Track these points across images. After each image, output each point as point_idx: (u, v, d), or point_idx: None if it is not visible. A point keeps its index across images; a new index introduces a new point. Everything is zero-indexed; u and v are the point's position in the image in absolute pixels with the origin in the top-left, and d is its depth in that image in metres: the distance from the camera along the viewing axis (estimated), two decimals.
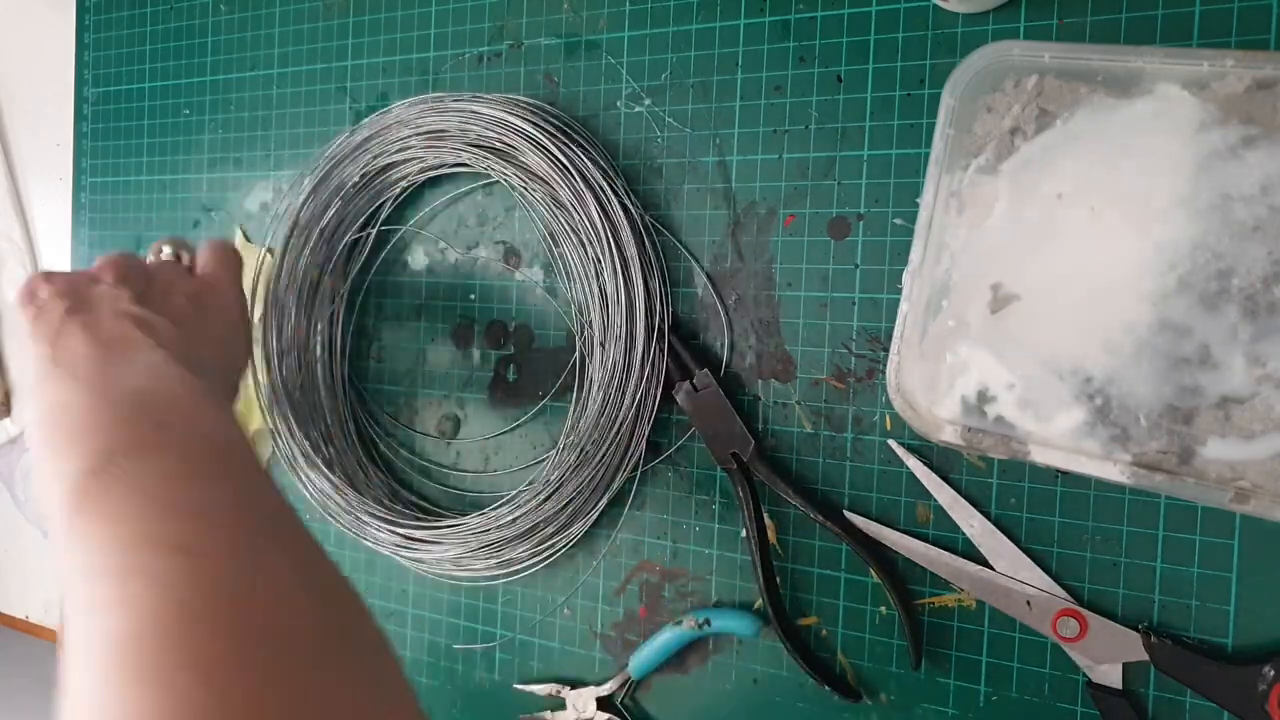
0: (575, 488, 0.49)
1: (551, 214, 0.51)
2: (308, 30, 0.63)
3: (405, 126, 0.54)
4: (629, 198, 0.50)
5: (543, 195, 0.51)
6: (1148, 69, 0.36)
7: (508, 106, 0.52)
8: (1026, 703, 0.43)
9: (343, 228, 0.58)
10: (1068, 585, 0.42)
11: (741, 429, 0.48)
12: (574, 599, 0.54)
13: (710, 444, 0.49)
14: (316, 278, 0.59)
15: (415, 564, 0.55)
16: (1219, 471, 0.34)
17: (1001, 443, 0.38)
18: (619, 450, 0.49)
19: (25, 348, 0.41)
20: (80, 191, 0.75)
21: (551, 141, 0.50)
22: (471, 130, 0.52)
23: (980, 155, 0.39)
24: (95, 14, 0.73)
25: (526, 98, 0.54)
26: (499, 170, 0.52)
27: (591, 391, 0.50)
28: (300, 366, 0.59)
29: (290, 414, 0.58)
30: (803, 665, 0.46)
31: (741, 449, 0.48)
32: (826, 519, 0.46)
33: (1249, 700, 0.38)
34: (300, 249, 0.58)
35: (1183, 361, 0.35)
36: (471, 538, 0.52)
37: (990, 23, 0.43)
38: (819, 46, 0.47)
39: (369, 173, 0.56)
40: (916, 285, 0.40)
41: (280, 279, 0.58)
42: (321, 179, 0.57)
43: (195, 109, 0.68)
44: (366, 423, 0.60)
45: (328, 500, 0.57)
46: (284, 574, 0.29)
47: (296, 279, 0.58)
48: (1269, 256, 0.34)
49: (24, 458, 0.76)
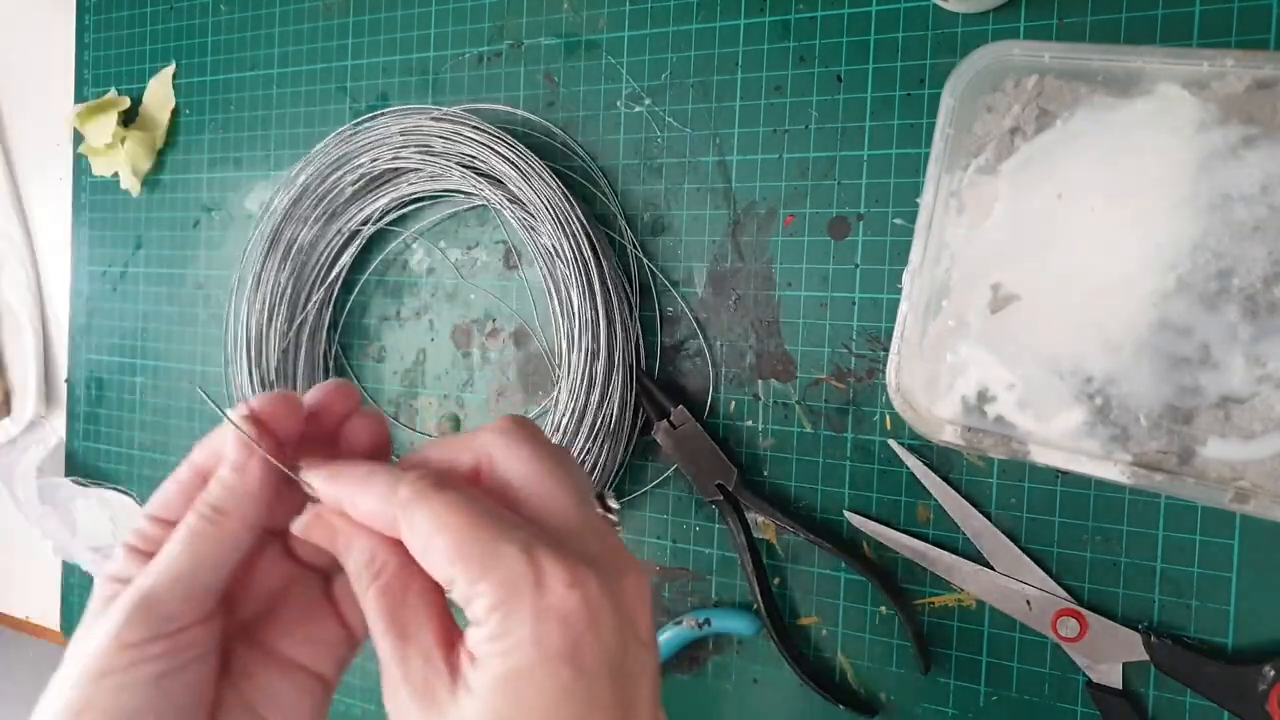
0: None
1: (541, 262, 0.52)
2: (308, 30, 0.63)
3: (391, 141, 0.54)
4: (626, 235, 0.50)
5: (524, 222, 0.52)
6: (1148, 69, 0.36)
7: (496, 141, 0.52)
8: (1026, 703, 0.43)
9: (329, 241, 0.59)
10: (1068, 585, 0.42)
11: (723, 459, 0.48)
12: None
13: (695, 478, 0.49)
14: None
15: None
16: (1219, 471, 0.34)
17: (1001, 443, 0.38)
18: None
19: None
20: (80, 191, 0.75)
21: (536, 179, 0.50)
22: (462, 153, 0.52)
23: (980, 155, 0.39)
24: (95, 14, 0.73)
25: (523, 111, 0.54)
26: (488, 195, 0.53)
27: (563, 440, 0.50)
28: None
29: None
30: (813, 686, 0.46)
31: (725, 479, 0.48)
32: (821, 537, 0.46)
33: (1249, 700, 0.38)
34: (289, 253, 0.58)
35: (1183, 361, 0.35)
36: None
37: (990, 23, 0.43)
38: (819, 46, 0.47)
39: (364, 175, 0.56)
40: (916, 285, 0.39)
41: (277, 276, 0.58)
42: (309, 185, 0.57)
43: (195, 109, 0.68)
44: None
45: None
46: None
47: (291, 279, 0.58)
48: (1269, 256, 0.34)
49: (24, 457, 0.76)
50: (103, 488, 0.73)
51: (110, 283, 0.73)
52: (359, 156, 0.55)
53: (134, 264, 0.71)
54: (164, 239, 0.70)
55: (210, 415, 0.66)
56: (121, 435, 0.72)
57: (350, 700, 0.61)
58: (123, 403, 0.72)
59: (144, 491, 0.71)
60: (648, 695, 0.25)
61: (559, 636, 0.23)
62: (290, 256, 0.58)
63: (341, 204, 0.57)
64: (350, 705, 0.61)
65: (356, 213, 0.57)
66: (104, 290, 0.73)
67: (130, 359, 0.72)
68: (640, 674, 0.25)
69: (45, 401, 0.77)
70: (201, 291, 0.68)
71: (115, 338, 0.73)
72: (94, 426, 0.74)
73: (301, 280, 0.59)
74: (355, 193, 0.57)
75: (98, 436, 0.74)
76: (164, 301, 0.70)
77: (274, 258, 0.58)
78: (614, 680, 0.24)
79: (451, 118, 0.53)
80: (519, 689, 0.23)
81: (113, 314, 0.73)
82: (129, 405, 0.72)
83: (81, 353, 0.75)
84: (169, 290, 0.70)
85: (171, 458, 0.69)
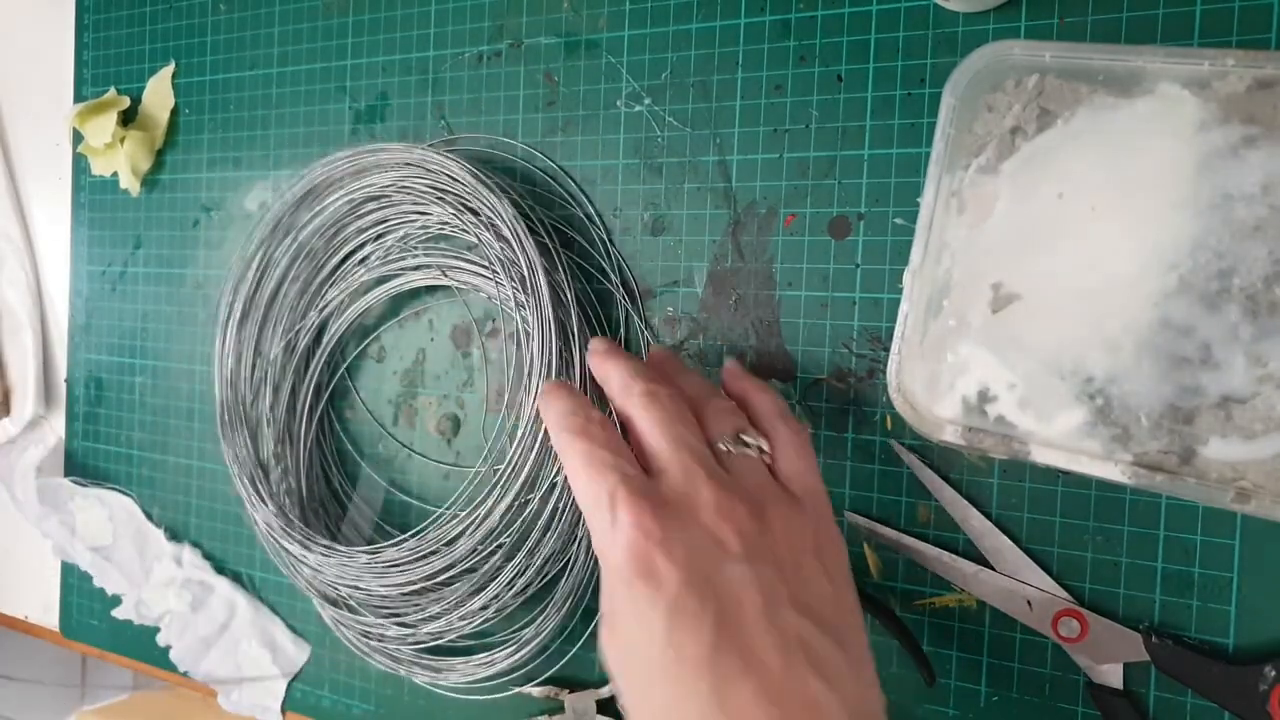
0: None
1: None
2: (307, 30, 0.63)
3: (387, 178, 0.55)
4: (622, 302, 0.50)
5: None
6: (1148, 68, 0.36)
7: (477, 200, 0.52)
8: (1027, 703, 0.43)
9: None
10: (1068, 585, 0.42)
11: None
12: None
13: None
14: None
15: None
16: (1220, 471, 0.34)
17: (1002, 443, 0.37)
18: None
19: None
20: (80, 191, 0.75)
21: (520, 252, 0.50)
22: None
23: (981, 155, 0.39)
24: (95, 14, 0.73)
25: (523, 143, 0.54)
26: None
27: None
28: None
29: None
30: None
31: None
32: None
33: (1250, 700, 0.38)
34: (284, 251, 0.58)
35: (1184, 361, 0.35)
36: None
37: (991, 22, 0.43)
38: (819, 46, 0.47)
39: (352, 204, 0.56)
40: (917, 285, 0.39)
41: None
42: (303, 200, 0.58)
43: (195, 109, 0.68)
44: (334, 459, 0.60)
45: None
46: None
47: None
48: (1270, 256, 0.34)
49: (23, 457, 0.76)
50: (102, 488, 0.73)
51: (109, 282, 0.73)
52: (354, 182, 0.56)
53: (133, 264, 0.71)
54: (163, 239, 0.70)
55: (210, 415, 0.66)
56: (121, 435, 0.72)
57: (350, 701, 0.61)
58: (122, 403, 0.72)
59: (144, 491, 0.71)
60: (756, 607, 0.29)
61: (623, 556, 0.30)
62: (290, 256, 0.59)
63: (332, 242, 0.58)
64: (350, 706, 0.61)
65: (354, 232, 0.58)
66: (103, 290, 0.73)
67: (130, 359, 0.72)
68: (741, 586, 0.29)
69: (44, 401, 0.77)
70: (201, 291, 0.68)
71: (114, 337, 0.72)
72: (93, 426, 0.74)
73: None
74: (348, 226, 0.57)
75: (97, 436, 0.74)
76: (163, 301, 0.70)
77: (276, 254, 0.59)
78: (695, 590, 0.29)
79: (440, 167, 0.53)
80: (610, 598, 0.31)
81: (112, 314, 0.73)
82: (128, 405, 0.72)
83: (81, 352, 0.75)
84: (168, 290, 0.70)
85: (171, 458, 0.69)
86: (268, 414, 0.60)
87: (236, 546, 0.66)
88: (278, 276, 0.59)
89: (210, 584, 0.67)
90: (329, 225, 0.57)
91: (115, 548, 0.71)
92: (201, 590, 0.67)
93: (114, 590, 0.72)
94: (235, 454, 0.60)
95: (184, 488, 0.69)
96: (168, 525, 0.70)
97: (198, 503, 0.68)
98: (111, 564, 0.72)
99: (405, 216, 0.56)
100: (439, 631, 0.53)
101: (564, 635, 0.53)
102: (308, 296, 0.59)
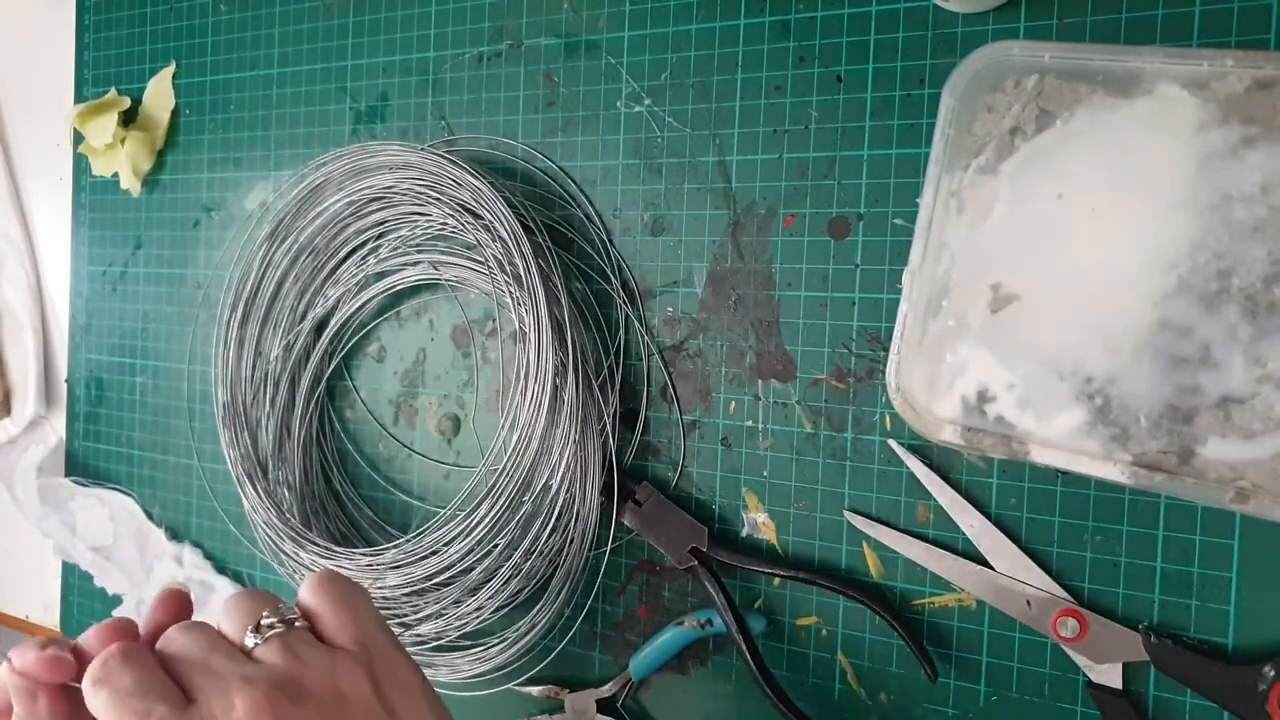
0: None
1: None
2: (307, 30, 0.63)
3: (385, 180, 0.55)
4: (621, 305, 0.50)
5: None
6: (1148, 69, 0.36)
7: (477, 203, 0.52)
8: (1026, 703, 0.43)
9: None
10: (1068, 585, 0.42)
11: (690, 521, 0.49)
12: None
13: (666, 549, 0.49)
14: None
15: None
16: (1219, 471, 0.34)
17: (1001, 443, 0.38)
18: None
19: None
20: (80, 191, 0.75)
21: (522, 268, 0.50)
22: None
23: (980, 155, 0.39)
24: (95, 14, 0.73)
25: (523, 144, 0.54)
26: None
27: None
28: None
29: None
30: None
31: (698, 540, 0.49)
32: (808, 577, 0.46)
33: (1249, 700, 0.38)
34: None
35: (1183, 361, 0.35)
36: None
37: (990, 23, 0.43)
38: (819, 46, 0.47)
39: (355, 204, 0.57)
40: (916, 285, 0.39)
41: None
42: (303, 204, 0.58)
43: (195, 109, 0.68)
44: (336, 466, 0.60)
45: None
46: None
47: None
48: (1269, 256, 0.34)
49: (24, 457, 0.76)
50: (103, 487, 0.73)
51: (110, 282, 0.73)
52: (358, 182, 0.56)
53: (134, 264, 0.71)
54: (164, 239, 0.70)
55: (210, 415, 0.66)
56: (121, 435, 0.72)
57: None
58: (122, 403, 0.72)
59: (144, 491, 0.71)
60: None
61: None
62: (291, 255, 0.59)
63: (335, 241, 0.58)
64: None
65: (356, 230, 0.58)
66: (104, 290, 0.73)
67: (130, 359, 0.72)
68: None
69: (45, 401, 0.77)
70: (201, 291, 0.68)
71: (115, 338, 0.73)
72: (94, 426, 0.74)
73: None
74: (348, 226, 0.58)
75: (97, 436, 0.74)
76: (164, 301, 0.70)
77: (277, 253, 0.59)
78: None
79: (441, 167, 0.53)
80: None
81: (112, 314, 0.73)
82: (129, 405, 0.72)
83: (81, 352, 0.75)
84: (169, 290, 0.70)
85: (171, 458, 0.69)
86: (268, 414, 0.60)
87: (237, 546, 0.66)
88: (278, 276, 0.59)
89: (211, 583, 0.67)
90: (329, 225, 0.57)
91: (116, 547, 0.71)
92: (202, 590, 0.67)
93: (115, 590, 0.72)
94: (235, 454, 0.60)
95: (184, 488, 0.69)
96: (168, 525, 0.70)
97: (198, 502, 0.68)
98: (112, 564, 0.72)
99: (405, 217, 0.56)
100: (439, 631, 0.53)
101: (554, 631, 0.53)
102: (308, 297, 0.59)
